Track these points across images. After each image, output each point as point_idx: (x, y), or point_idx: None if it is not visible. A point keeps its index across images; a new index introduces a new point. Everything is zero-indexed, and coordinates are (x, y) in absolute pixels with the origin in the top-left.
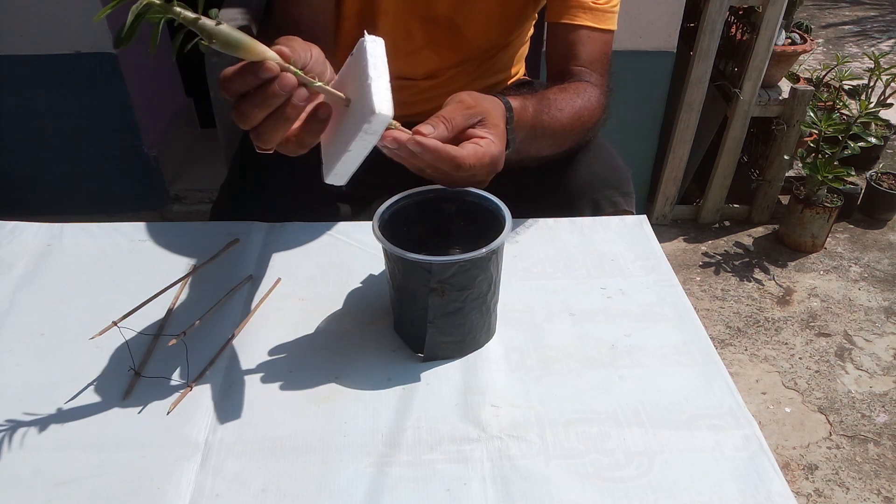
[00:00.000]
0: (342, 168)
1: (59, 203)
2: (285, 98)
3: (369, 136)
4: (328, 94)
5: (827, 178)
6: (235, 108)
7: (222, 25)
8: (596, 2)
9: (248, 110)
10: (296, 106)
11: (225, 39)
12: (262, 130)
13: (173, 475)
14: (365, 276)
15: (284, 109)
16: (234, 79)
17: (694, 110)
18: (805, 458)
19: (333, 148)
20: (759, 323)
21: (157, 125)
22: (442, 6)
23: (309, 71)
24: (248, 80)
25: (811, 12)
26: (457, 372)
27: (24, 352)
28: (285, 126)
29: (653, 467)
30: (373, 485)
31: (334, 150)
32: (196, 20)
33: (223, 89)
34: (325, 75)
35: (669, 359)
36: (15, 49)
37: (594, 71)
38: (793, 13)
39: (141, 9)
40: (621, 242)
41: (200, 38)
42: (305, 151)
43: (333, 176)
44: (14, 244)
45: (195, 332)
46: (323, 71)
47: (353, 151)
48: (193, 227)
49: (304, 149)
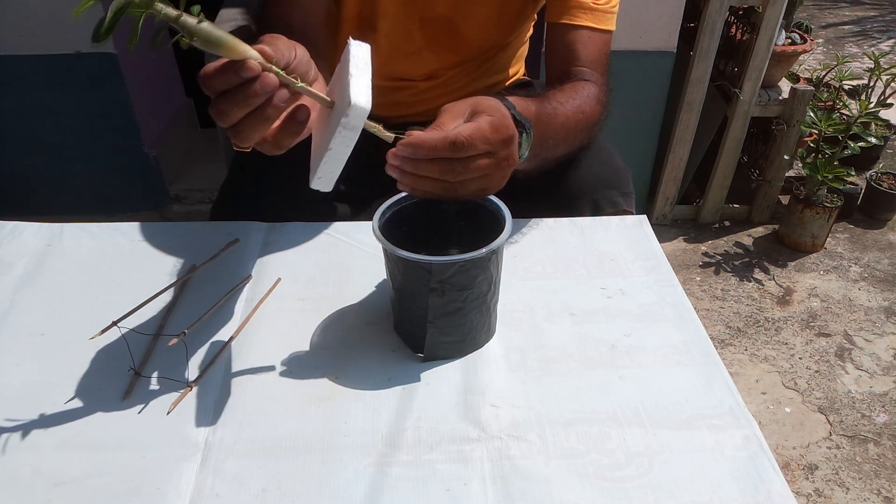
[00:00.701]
0: (325, 170)
1: (59, 203)
2: (265, 98)
3: (349, 131)
4: (311, 95)
5: (827, 178)
6: (214, 105)
7: (203, 23)
8: (596, 2)
9: (227, 108)
10: (276, 106)
11: (206, 37)
12: (240, 129)
13: (173, 475)
14: (365, 275)
15: (265, 109)
16: (215, 76)
17: (694, 110)
18: (805, 458)
19: (318, 151)
20: (759, 323)
21: (157, 125)
22: (441, 7)
23: (292, 71)
24: (228, 79)
25: (811, 12)
26: (457, 372)
27: (24, 352)
28: (264, 126)
29: (653, 467)
30: (373, 485)
31: (318, 154)
32: (177, 17)
33: (203, 86)
34: (308, 75)
35: (669, 359)
36: (15, 49)
37: (594, 71)
38: (793, 13)
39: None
40: (621, 242)
41: (182, 35)
42: (282, 152)
43: (318, 181)
44: (14, 244)
45: (195, 332)
46: (307, 71)
47: (334, 150)
48: (193, 227)
49: (280, 149)
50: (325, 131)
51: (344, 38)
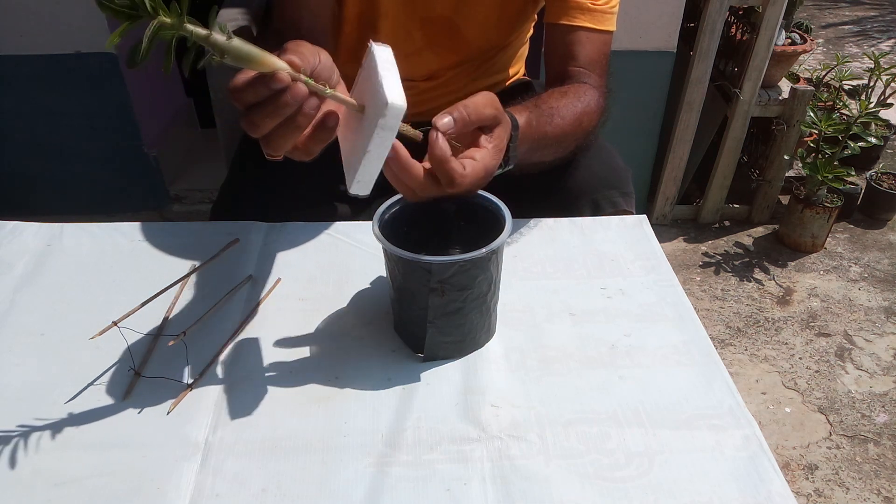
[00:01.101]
0: (364, 173)
1: (59, 203)
2: (296, 108)
3: (386, 131)
4: (340, 101)
5: (827, 178)
6: (246, 117)
7: (234, 40)
8: (595, 3)
9: (258, 120)
10: (307, 114)
11: (237, 54)
12: (272, 138)
13: (173, 475)
14: (365, 275)
15: (295, 118)
16: (246, 89)
17: (694, 110)
18: (805, 458)
19: (353, 157)
20: (759, 323)
21: (157, 125)
22: (441, 7)
23: (317, 76)
24: (259, 91)
25: (811, 12)
26: (457, 372)
27: (24, 352)
28: (296, 134)
29: (653, 467)
30: (373, 485)
31: (354, 158)
32: (207, 37)
33: (234, 99)
34: (332, 80)
35: (669, 359)
36: (15, 49)
37: (593, 72)
38: (793, 13)
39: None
40: (621, 242)
41: (212, 53)
42: (312, 158)
43: (357, 185)
44: (14, 244)
45: (195, 332)
46: (330, 76)
47: (373, 152)
48: (193, 227)
49: (310, 156)
50: (354, 135)
51: (345, 39)
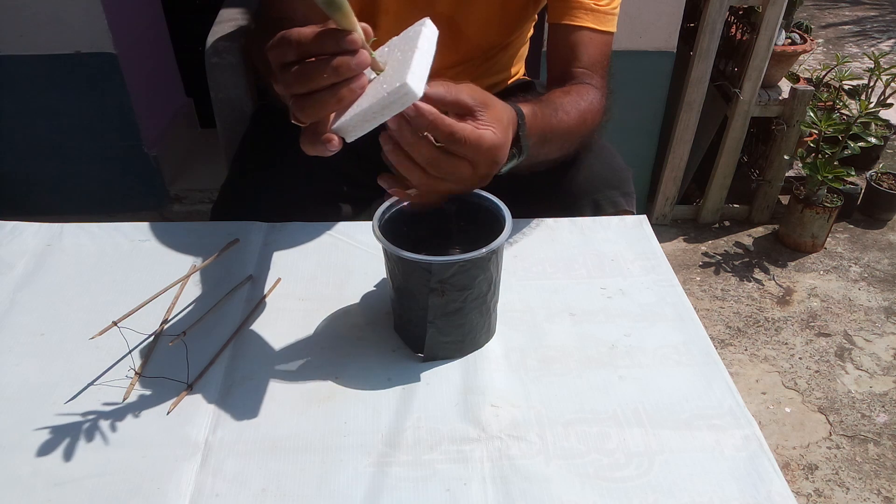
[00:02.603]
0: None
1: (59, 203)
2: (352, 76)
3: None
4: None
5: (827, 178)
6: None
7: None
8: (597, 3)
9: (313, 74)
10: (353, 90)
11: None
12: (310, 102)
13: (173, 475)
14: (365, 275)
15: (346, 85)
16: (314, 41)
17: (694, 110)
18: (805, 458)
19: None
20: (759, 323)
21: (157, 125)
22: (442, 6)
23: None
24: (325, 45)
25: (811, 12)
26: (457, 372)
27: (24, 352)
28: (336, 104)
29: (653, 467)
30: (373, 485)
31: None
32: None
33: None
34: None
35: (669, 359)
36: (15, 49)
37: (594, 73)
38: (793, 13)
39: None
40: (621, 242)
41: None
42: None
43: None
44: (14, 244)
45: (195, 332)
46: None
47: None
48: (193, 227)
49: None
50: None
51: None
